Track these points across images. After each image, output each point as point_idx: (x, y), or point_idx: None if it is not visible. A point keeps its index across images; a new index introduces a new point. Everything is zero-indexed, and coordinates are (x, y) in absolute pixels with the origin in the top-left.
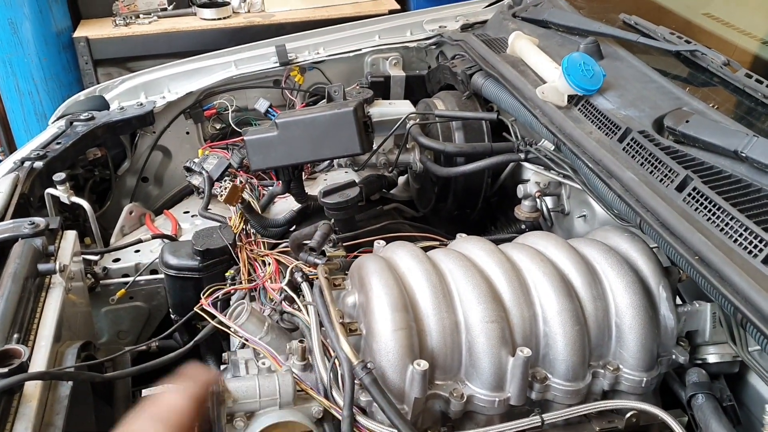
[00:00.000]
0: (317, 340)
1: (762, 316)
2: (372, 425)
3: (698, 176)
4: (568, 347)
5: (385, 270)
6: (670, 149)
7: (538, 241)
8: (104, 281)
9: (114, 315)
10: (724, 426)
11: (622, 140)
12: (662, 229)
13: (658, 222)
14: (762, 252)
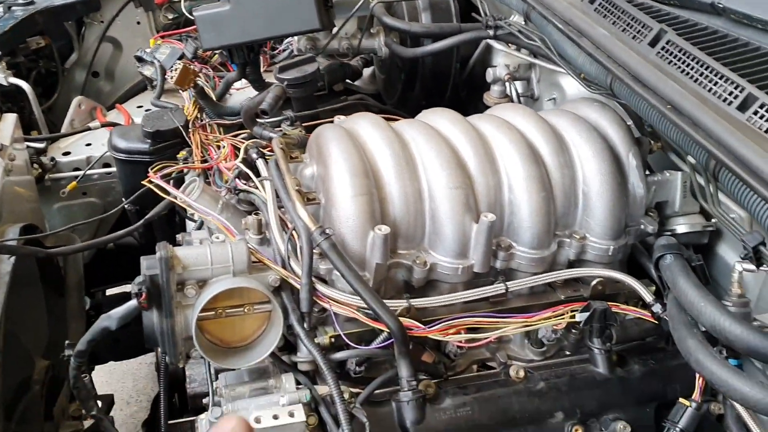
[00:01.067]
0: (273, 212)
1: (736, 158)
2: (332, 293)
3: (673, 29)
4: (532, 214)
5: (345, 137)
6: (643, 5)
7: (506, 112)
8: (54, 175)
9: (67, 211)
10: (692, 282)
11: (593, 0)
12: (634, 82)
13: (629, 75)
14: (737, 98)
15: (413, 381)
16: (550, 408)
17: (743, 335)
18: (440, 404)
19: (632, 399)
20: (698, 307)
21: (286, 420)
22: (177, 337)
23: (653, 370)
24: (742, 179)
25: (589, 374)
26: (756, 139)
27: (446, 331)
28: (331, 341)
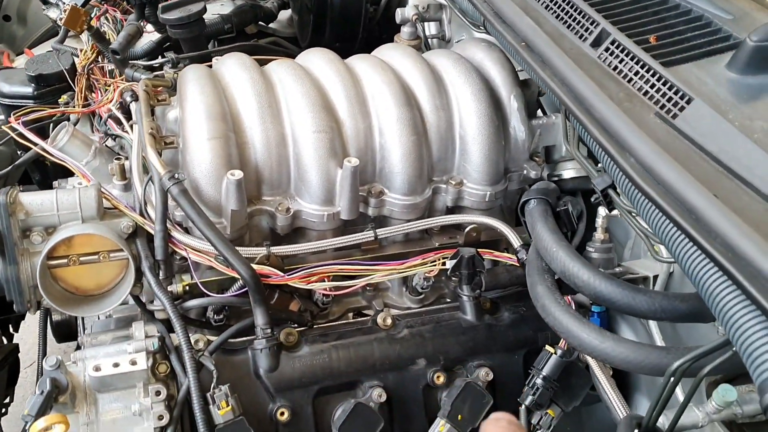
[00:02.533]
0: (135, 156)
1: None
2: (188, 240)
3: None
4: (403, 159)
5: (205, 78)
6: None
7: (388, 51)
8: None
9: None
10: (549, 228)
11: None
12: (495, 17)
13: (492, 11)
14: (592, 34)
15: (267, 329)
16: (413, 355)
17: (590, 281)
18: (297, 352)
19: (500, 346)
20: (551, 252)
21: (127, 368)
22: (23, 285)
23: (524, 317)
24: (579, 120)
25: (455, 321)
26: (600, 77)
27: (308, 279)
28: (186, 289)
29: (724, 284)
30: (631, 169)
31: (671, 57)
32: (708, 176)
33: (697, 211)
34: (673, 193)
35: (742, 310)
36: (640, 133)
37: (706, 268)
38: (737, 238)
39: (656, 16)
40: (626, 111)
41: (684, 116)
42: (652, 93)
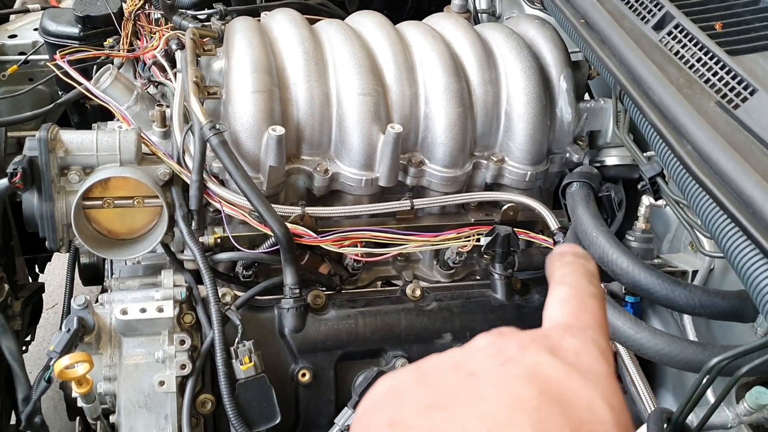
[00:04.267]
0: (177, 104)
1: (633, 80)
2: (223, 192)
3: None
4: (447, 130)
5: (253, 30)
6: None
7: (440, 20)
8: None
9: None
10: (590, 212)
11: None
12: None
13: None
14: (655, 17)
15: (296, 289)
16: (439, 328)
17: (629, 269)
18: (323, 315)
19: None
20: (590, 236)
21: (153, 314)
22: (57, 223)
23: None
24: (636, 102)
25: (485, 299)
26: (661, 61)
27: (340, 243)
28: (217, 242)
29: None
30: (687, 156)
31: (736, 46)
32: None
33: (754, 204)
34: (729, 183)
35: None
36: (700, 120)
37: (758, 263)
38: None
39: (723, 3)
40: (686, 97)
41: (746, 107)
42: (714, 81)
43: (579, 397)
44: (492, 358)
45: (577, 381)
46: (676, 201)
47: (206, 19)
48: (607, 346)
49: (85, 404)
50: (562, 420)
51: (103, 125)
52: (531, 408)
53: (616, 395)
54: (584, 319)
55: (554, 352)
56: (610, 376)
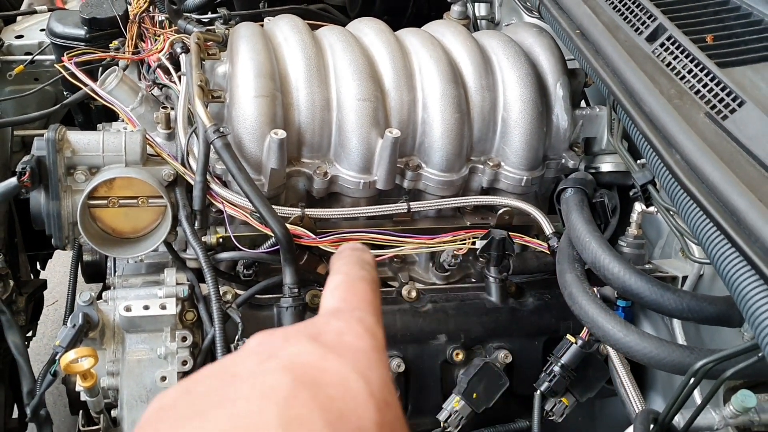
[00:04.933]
0: (182, 107)
1: (626, 90)
2: (226, 193)
3: None
4: (444, 135)
5: (257, 36)
6: None
7: (439, 28)
8: (6, 57)
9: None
10: (584, 218)
11: None
12: (551, 2)
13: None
14: (648, 28)
15: (295, 288)
16: (434, 329)
17: (620, 274)
18: None
19: (521, 330)
20: (583, 242)
21: (156, 311)
22: (63, 221)
23: (548, 305)
24: (627, 112)
25: (480, 301)
26: (653, 72)
27: (338, 244)
28: (219, 241)
29: (758, 287)
30: (676, 165)
31: (727, 58)
32: (753, 180)
33: (738, 213)
34: (716, 192)
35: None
36: (688, 131)
37: (742, 270)
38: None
39: (715, 16)
40: (676, 108)
41: (734, 118)
42: (704, 92)
43: (332, 375)
44: (255, 357)
45: (332, 361)
46: (666, 208)
47: (210, 23)
48: (374, 323)
49: (89, 398)
50: (312, 402)
51: (108, 126)
52: (281, 398)
53: (375, 368)
54: (352, 301)
55: (315, 337)
56: (372, 350)
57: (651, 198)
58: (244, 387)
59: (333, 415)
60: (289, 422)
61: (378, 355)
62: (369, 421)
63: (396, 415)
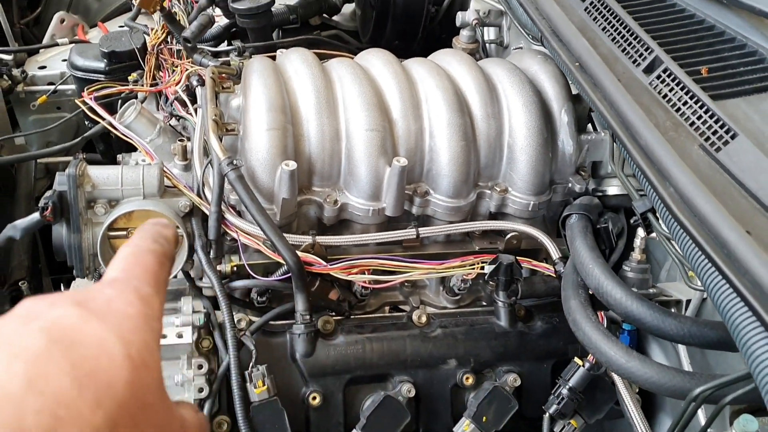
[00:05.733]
0: (197, 140)
1: (622, 122)
2: (240, 223)
3: None
4: (451, 162)
5: (268, 70)
6: None
7: (445, 57)
8: (29, 88)
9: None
10: (587, 244)
11: None
12: (552, 35)
13: (549, 29)
14: (645, 60)
15: (307, 315)
16: (444, 354)
17: (622, 300)
18: (333, 340)
19: (530, 354)
20: (587, 268)
21: (173, 340)
22: (84, 253)
23: (556, 328)
24: (624, 144)
25: (489, 326)
26: (649, 104)
27: (348, 270)
28: (233, 270)
29: (749, 319)
30: (669, 198)
31: (721, 90)
32: (744, 212)
33: (729, 246)
34: (707, 225)
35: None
36: (681, 164)
37: (733, 302)
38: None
39: (710, 48)
40: (671, 140)
41: (727, 151)
42: (698, 124)
43: (89, 337)
44: (18, 320)
45: (92, 324)
46: (666, 236)
47: (225, 54)
48: (151, 293)
49: None
50: (63, 360)
51: (128, 156)
52: (31, 355)
53: (139, 333)
54: (132, 271)
55: (81, 303)
56: (139, 317)
57: (651, 225)
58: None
59: (82, 372)
60: (34, 378)
61: (145, 321)
62: (120, 380)
63: (153, 377)
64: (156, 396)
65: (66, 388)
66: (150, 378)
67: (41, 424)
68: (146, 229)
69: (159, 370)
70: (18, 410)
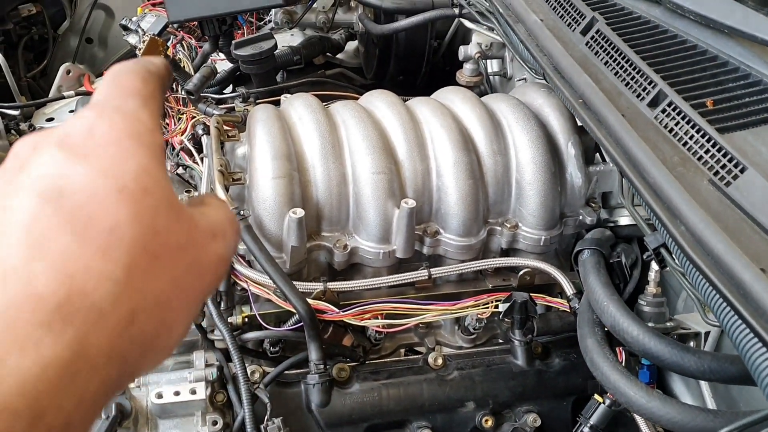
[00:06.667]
0: (204, 189)
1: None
2: (250, 273)
3: (605, 18)
4: (460, 201)
5: (272, 118)
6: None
7: (448, 95)
8: None
9: None
10: (601, 280)
11: None
12: (554, 72)
13: (551, 66)
14: (649, 94)
15: (321, 364)
16: (462, 397)
17: (639, 337)
18: (348, 388)
19: (549, 392)
20: (602, 305)
21: (187, 397)
22: None
23: (574, 365)
24: (632, 183)
25: (506, 365)
26: (656, 139)
27: (361, 316)
28: (245, 320)
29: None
30: (681, 237)
31: (727, 123)
32: (758, 249)
33: (744, 286)
34: (721, 265)
35: None
36: (691, 201)
37: (752, 342)
38: None
39: (714, 79)
40: (679, 176)
41: (737, 185)
42: (706, 159)
43: (76, 182)
44: (6, 174)
45: (76, 165)
46: (680, 272)
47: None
48: (135, 105)
49: None
50: (56, 216)
51: None
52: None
53: (129, 158)
54: (112, 93)
55: (63, 141)
56: (126, 138)
57: (665, 260)
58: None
59: (80, 222)
60: (33, 244)
61: (135, 140)
62: (123, 216)
63: (157, 199)
64: (167, 217)
65: (68, 244)
66: (154, 201)
67: (53, 285)
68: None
69: (164, 188)
70: (26, 278)
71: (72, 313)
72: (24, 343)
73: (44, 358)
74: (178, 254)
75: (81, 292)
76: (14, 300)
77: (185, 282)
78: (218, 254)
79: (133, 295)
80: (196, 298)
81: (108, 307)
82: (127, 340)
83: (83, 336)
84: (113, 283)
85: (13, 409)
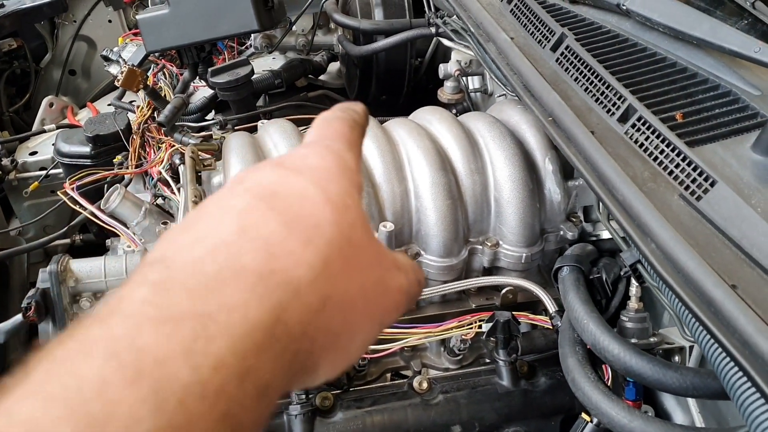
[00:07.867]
0: (181, 220)
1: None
2: None
3: (574, 34)
4: (439, 222)
5: (246, 146)
6: (554, 6)
7: (425, 115)
8: (21, 174)
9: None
10: (581, 297)
11: (510, 1)
12: (524, 91)
13: (521, 85)
14: (619, 110)
15: (303, 395)
16: (447, 421)
17: (620, 355)
18: (331, 417)
19: (536, 412)
20: (582, 323)
21: None
22: None
23: (560, 383)
24: (602, 200)
25: (491, 386)
26: (626, 154)
27: None
28: None
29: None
30: (652, 255)
31: (696, 136)
32: (729, 264)
33: (715, 304)
34: (692, 282)
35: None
36: (661, 218)
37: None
38: (754, 336)
39: (684, 91)
40: (650, 192)
41: (707, 199)
42: (677, 173)
43: (290, 188)
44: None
45: (291, 178)
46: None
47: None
48: (344, 148)
49: None
50: (268, 210)
51: (116, 241)
52: (239, 209)
53: (336, 181)
54: (324, 134)
55: (279, 164)
56: (335, 167)
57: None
58: (210, 207)
59: (288, 216)
60: (245, 227)
61: (341, 171)
62: (325, 220)
63: (356, 217)
64: (362, 235)
65: (275, 231)
66: (352, 218)
67: (258, 260)
68: (335, 106)
69: (362, 213)
70: (236, 252)
71: (273, 285)
72: (232, 304)
73: (250, 319)
74: (367, 267)
75: (282, 270)
76: (223, 268)
77: (371, 293)
78: (400, 284)
79: (326, 285)
80: (379, 316)
81: (305, 288)
82: (316, 324)
83: (283, 306)
84: (311, 268)
85: (228, 365)
